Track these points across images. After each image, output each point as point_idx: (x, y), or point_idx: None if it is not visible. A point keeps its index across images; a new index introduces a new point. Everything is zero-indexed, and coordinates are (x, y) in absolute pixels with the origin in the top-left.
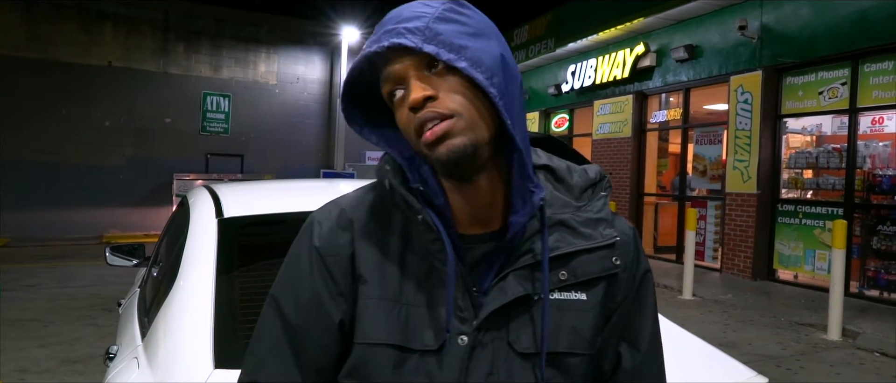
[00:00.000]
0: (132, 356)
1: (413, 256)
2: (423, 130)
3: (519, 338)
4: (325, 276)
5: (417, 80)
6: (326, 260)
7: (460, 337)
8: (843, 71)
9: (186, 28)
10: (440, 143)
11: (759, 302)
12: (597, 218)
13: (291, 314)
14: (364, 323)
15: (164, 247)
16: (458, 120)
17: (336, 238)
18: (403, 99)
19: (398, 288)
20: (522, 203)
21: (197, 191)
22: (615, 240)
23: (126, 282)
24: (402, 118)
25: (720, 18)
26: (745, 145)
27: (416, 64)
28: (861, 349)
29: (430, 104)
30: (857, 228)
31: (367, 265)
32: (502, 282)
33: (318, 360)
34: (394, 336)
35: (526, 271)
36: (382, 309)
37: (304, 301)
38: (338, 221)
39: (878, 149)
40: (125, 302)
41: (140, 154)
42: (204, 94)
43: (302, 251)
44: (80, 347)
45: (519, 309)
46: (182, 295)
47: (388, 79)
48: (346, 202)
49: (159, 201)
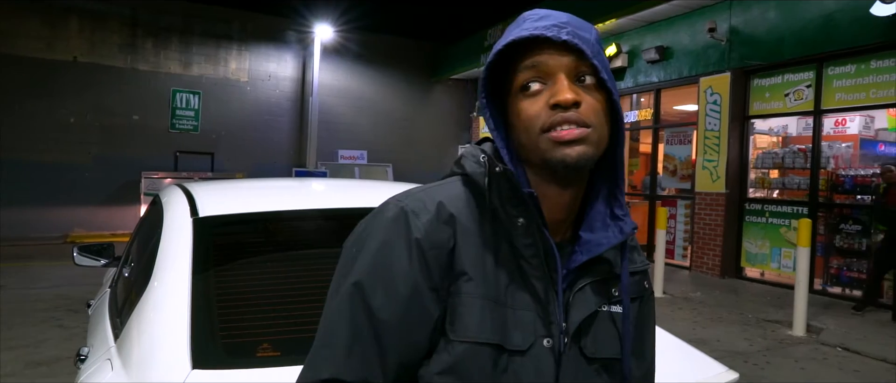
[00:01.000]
0: (104, 357)
1: (506, 256)
2: (553, 128)
3: (587, 344)
4: (425, 270)
5: (567, 81)
6: (427, 253)
7: (545, 338)
8: (808, 73)
9: (155, 23)
10: (571, 146)
11: (728, 299)
12: (634, 245)
13: (382, 307)
14: (467, 319)
15: (136, 246)
16: (593, 132)
17: (438, 231)
18: (540, 92)
19: (497, 287)
20: (602, 225)
21: (170, 189)
22: (647, 267)
23: (93, 283)
24: (528, 110)
25: (690, 21)
26: (715, 145)
27: (570, 67)
28: (825, 344)
29: (574, 108)
30: (820, 227)
31: (470, 262)
32: (582, 293)
33: (405, 355)
34: (496, 335)
35: (598, 284)
36: (487, 308)
37: (402, 294)
38: (438, 214)
39: (840, 149)
40: (95, 303)
41: (107, 152)
42: (173, 90)
43: (398, 242)
44: (47, 349)
45: (592, 318)
46: (156, 296)
47: (535, 67)
48: (441, 195)
49: (127, 200)
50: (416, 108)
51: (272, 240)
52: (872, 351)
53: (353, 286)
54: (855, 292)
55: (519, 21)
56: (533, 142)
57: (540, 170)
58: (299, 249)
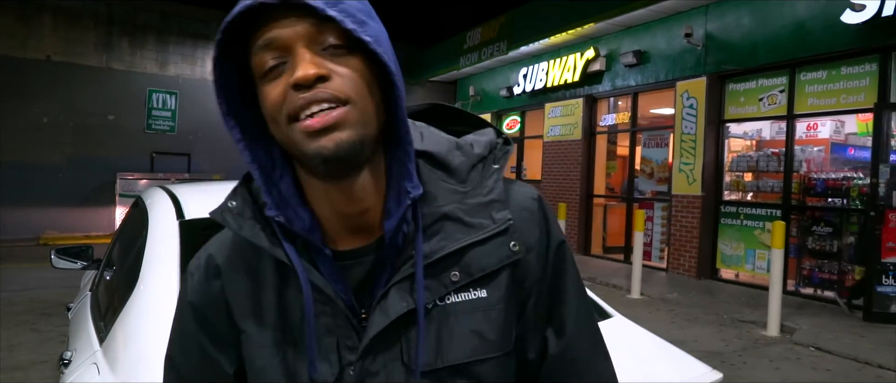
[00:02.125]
0: (90, 361)
1: (289, 290)
2: (301, 116)
3: (413, 357)
4: (209, 331)
5: (308, 54)
6: (203, 313)
7: (350, 368)
8: (782, 79)
9: (131, 22)
10: (325, 135)
11: (704, 300)
12: (487, 201)
13: (189, 374)
14: (252, 373)
15: (119, 249)
16: (352, 109)
17: (208, 288)
18: (280, 73)
19: (279, 330)
20: (397, 205)
21: (153, 191)
22: (509, 224)
23: (68, 286)
24: (272, 98)
25: (667, 26)
26: (691, 149)
27: (308, 33)
28: (798, 344)
29: (320, 85)
30: (793, 229)
31: (240, 312)
32: (384, 301)
33: None
34: (282, 380)
35: (409, 282)
36: (266, 357)
37: (195, 357)
38: (206, 269)
39: (812, 153)
40: (75, 307)
41: (81, 152)
42: (149, 90)
43: (181, 308)
44: (21, 353)
45: (410, 324)
46: (144, 299)
47: (269, 45)
48: (214, 245)
49: (101, 201)
50: None
51: None
52: (843, 350)
53: (166, 358)
54: (826, 293)
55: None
56: (284, 134)
57: (306, 166)
58: None
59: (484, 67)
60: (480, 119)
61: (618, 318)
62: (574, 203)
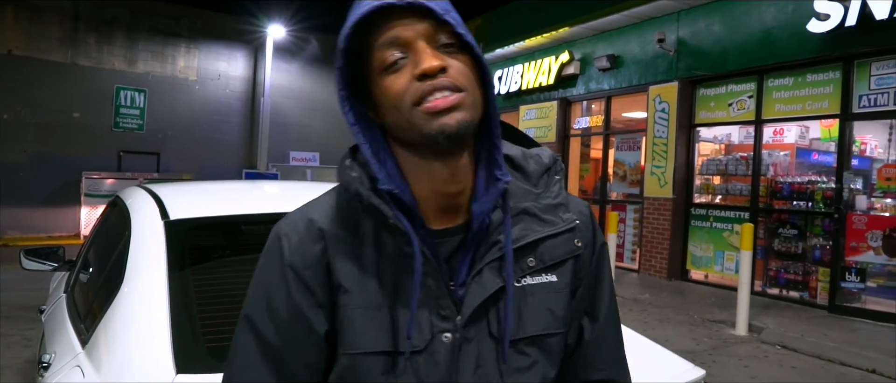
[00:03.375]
0: (73, 364)
1: (388, 258)
2: (424, 99)
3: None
4: (304, 290)
5: (428, 48)
6: (302, 274)
7: (444, 334)
8: (750, 84)
9: (98, 17)
10: (448, 114)
11: (675, 300)
12: (556, 203)
13: (270, 334)
14: (350, 332)
15: (97, 250)
16: (467, 95)
17: (308, 250)
18: (403, 66)
19: (379, 293)
20: (485, 191)
21: (133, 191)
22: (575, 224)
23: (31, 288)
24: (397, 87)
25: (640, 31)
26: (663, 152)
27: (428, 33)
28: (765, 343)
29: (441, 74)
30: (761, 231)
31: (344, 274)
32: (479, 276)
33: (301, 376)
34: (382, 342)
35: (498, 262)
36: (368, 317)
37: (285, 319)
38: (307, 232)
39: (779, 157)
40: (49, 309)
41: (44, 150)
42: (117, 88)
43: (273, 268)
44: None
45: (497, 301)
46: (131, 300)
47: (394, 42)
48: (312, 210)
49: (66, 201)
50: None
51: (245, 243)
52: (808, 348)
53: (244, 318)
54: (791, 293)
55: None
56: (405, 119)
57: (419, 147)
58: None
59: None
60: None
61: None
62: None
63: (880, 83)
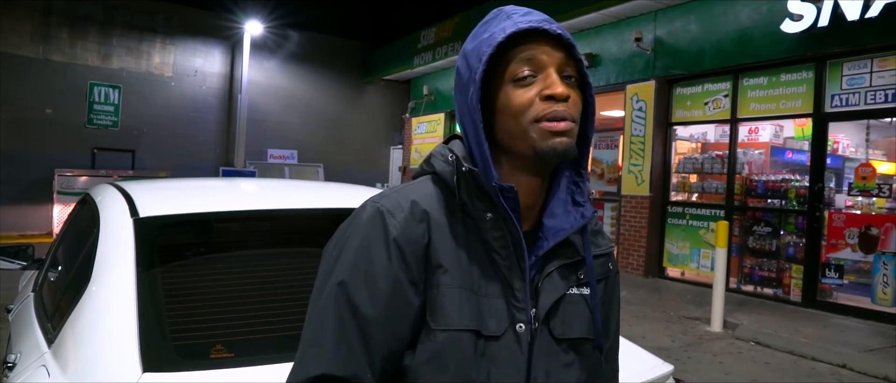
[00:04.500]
0: (38, 364)
1: (477, 249)
2: (543, 118)
3: (556, 326)
4: (404, 265)
5: (558, 76)
6: (404, 249)
7: (518, 324)
8: (726, 84)
9: (71, 12)
10: (560, 136)
11: (651, 298)
12: (597, 229)
13: (365, 303)
14: (447, 309)
15: (65, 248)
16: (575, 126)
17: (412, 228)
18: (532, 83)
19: (474, 277)
20: (564, 212)
21: (103, 188)
22: (611, 250)
23: (2, 287)
24: (520, 98)
25: (618, 30)
26: (640, 150)
27: (560, 63)
28: (739, 339)
29: (563, 102)
30: (735, 229)
31: (444, 254)
32: (550, 279)
33: (390, 347)
34: (474, 322)
35: (564, 269)
36: (463, 297)
37: (383, 290)
38: (412, 212)
39: (754, 156)
40: (16, 308)
41: (14, 147)
42: (91, 84)
43: (376, 240)
44: None
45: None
46: (98, 298)
47: (530, 61)
48: (415, 194)
49: (37, 199)
50: (348, 109)
51: (218, 242)
52: (781, 344)
53: (337, 286)
54: (765, 290)
55: (500, 16)
56: (522, 129)
57: (521, 158)
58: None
59: (438, 67)
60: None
61: None
62: None
63: (852, 83)
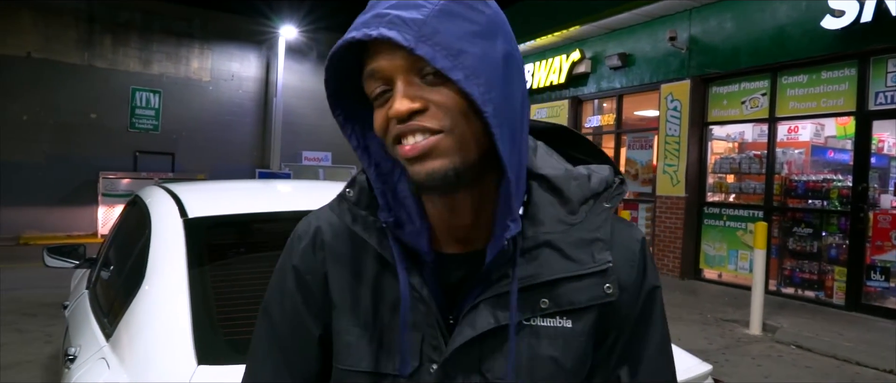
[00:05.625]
0: (98, 356)
1: (387, 280)
2: (401, 141)
3: (492, 368)
4: (305, 293)
5: (405, 86)
6: (304, 278)
7: (433, 364)
8: (764, 82)
9: (113, 20)
10: (419, 162)
11: (687, 300)
12: (592, 238)
13: (279, 323)
14: (338, 348)
15: (117, 247)
16: (446, 137)
17: (311, 258)
18: (386, 100)
19: (371, 314)
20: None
21: (152, 190)
22: (608, 267)
23: (50, 286)
24: (379, 121)
25: (652, 29)
26: (675, 150)
27: (406, 65)
28: (779, 342)
29: (416, 118)
30: (775, 230)
31: (338, 290)
32: (473, 312)
33: (305, 368)
34: (366, 362)
35: (502, 298)
36: (354, 336)
37: (288, 311)
38: (313, 240)
39: (793, 155)
40: (72, 305)
41: (61, 150)
42: (132, 89)
43: (286, 266)
44: (7, 354)
45: (494, 337)
46: (153, 295)
47: (374, 76)
48: (323, 218)
49: (83, 200)
50: None
51: (259, 241)
52: (823, 348)
53: (263, 304)
54: (806, 292)
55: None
56: (395, 154)
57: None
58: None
59: None
60: (600, 151)
61: None
62: None
63: None
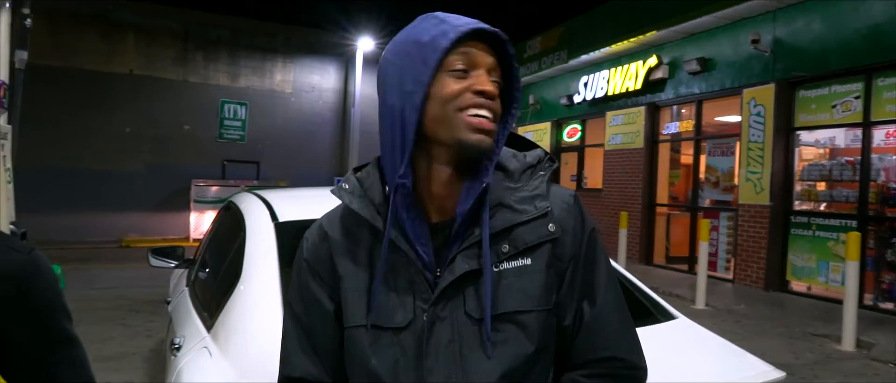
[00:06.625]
0: (200, 346)
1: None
2: (469, 110)
3: (474, 306)
4: (318, 280)
5: (488, 76)
6: (314, 267)
7: (424, 315)
8: (856, 85)
9: (205, 37)
10: (480, 134)
11: (772, 312)
12: (532, 195)
13: (301, 315)
14: (346, 310)
15: (213, 249)
16: (496, 125)
17: (319, 249)
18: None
19: (365, 279)
20: (466, 196)
21: (245, 196)
22: (547, 210)
23: (150, 285)
24: (452, 87)
25: (733, 32)
26: (758, 157)
27: (491, 66)
28: (876, 360)
29: (491, 101)
30: (871, 241)
31: (343, 265)
32: (452, 263)
33: (330, 346)
34: (368, 318)
35: (472, 249)
36: (357, 298)
37: (309, 301)
38: (318, 235)
39: (892, 162)
40: (175, 301)
41: (158, 160)
42: (222, 101)
43: (299, 264)
44: (113, 346)
45: (471, 283)
46: (249, 292)
47: (468, 57)
48: (325, 218)
49: (177, 206)
50: None
51: None
52: None
53: (286, 304)
54: None
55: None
56: (448, 117)
57: (442, 147)
58: None
59: (543, 76)
60: (532, 142)
61: (682, 320)
62: (636, 212)
63: None
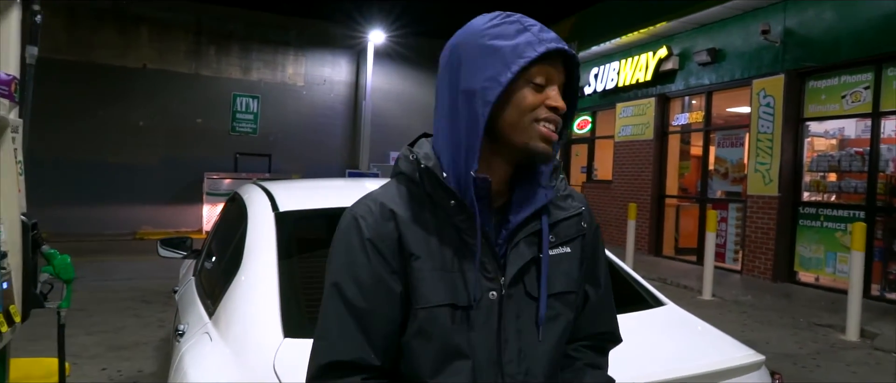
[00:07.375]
0: (202, 331)
1: (449, 232)
2: (544, 121)
3: (532, 284)
4: (381, 260)
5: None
6: (378, 245)
7: (491, 292)
8: (867, 75)
9: (217, 31)
10: (550, 144)
11: (779, 303)
12: (565, 194)
13: (355, 297)
14: (423, 290)
15: (219, 238)
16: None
17: (382, 227)
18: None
19: (444, 258)
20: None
21: (249, 188)
22: (582, 210)
23: (163, 277)
24: (533, 99)
25: (743, 22)
26: (767, 148)
27: (560, 82)
28: (879, 349)
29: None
30: (879, 231)
31: (415, 244)
32: (516, 248)
33: (384, 329)
34: (448, 297)
35: (531, 237)
36: (436, 278)
37: (367, 283)
38: (381, 213)
39: None
40: (181, 290)
41: (172, 153)
42: (234, 95)
43: (355, 243)
44: (126, 335)
45: (529, 266)
46: (248, 278)
47: (545, 73)
48: (383, 196)
49: (190, 199)
50: None
51: None
52: None
53: (332, 286)
54: None
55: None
56: (523, 124)
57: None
58: None
59: None
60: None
61: (670, 306)
62: (645, 203)
63: None
